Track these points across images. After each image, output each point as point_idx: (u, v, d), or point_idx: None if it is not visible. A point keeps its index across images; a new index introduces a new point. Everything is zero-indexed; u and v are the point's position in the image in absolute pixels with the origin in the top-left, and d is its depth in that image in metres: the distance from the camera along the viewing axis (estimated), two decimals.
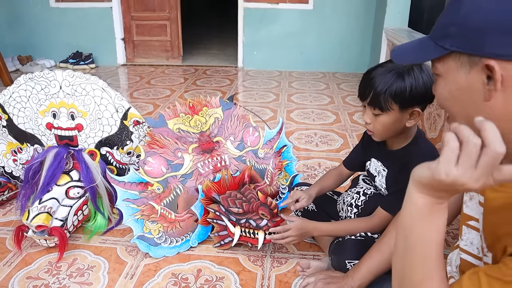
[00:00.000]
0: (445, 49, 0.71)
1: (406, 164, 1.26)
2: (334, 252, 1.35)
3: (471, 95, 0.70)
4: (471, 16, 0.67)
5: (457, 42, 0.69)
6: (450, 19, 0.71)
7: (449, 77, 0.73)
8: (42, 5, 4.53)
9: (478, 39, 0.66)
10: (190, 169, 1.62)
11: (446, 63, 0.73)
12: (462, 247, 0.91)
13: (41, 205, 1.52)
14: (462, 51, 0.69)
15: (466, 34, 0.68)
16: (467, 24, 0.67)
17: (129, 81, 4.15)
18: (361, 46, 4.43)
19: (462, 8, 0.68)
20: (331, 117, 3.10)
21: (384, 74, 1.20)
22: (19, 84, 1.67)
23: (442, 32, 0.73)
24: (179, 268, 1.48)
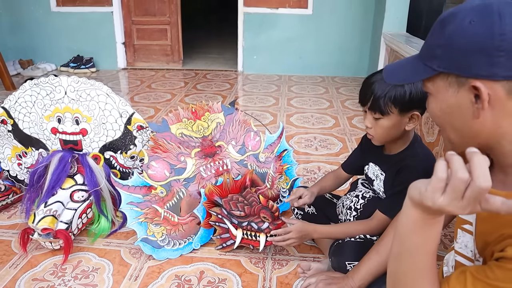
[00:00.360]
0: (433, 70, 0.75)
1: (402, 168, 1.31)
2: (334, 254, 1.39)
3: (461, 113, 0.74)
4: (455, 38, 0.70)
5: (444, 63, 0.73)
6: (436, 41, 0.74)
7: (439, 95, 0.77)
8: (44, 10, 4.57)
9: (464, 60, 0.70)
10: (193, 173, 1.65)
11: (435, 83, 0.76)
12: (457, 249, 0.95)
13: (47, 208, 1.55)
14: (449, 72, 0.73)
15: (452, 56, 0.71)
16: (452, 46, 0.71)
17: (130, 85, 4.18)
18: (360, 50, 4.48)
19: (447, 30, 0.71)
20: (330, 121, 3.14)
21: (383, 79, 1.24)
22: (24, 89, 1.70)
23: (429, 53, 0.76)
24: (182, 270, 1.51)
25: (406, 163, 1.30)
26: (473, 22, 0.68)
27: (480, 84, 0.68)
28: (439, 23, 0.75)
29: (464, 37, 0.69)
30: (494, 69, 0.67)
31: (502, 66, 0.67)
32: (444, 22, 0.73)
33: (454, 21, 0.71)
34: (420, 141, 1.37)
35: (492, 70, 0.67)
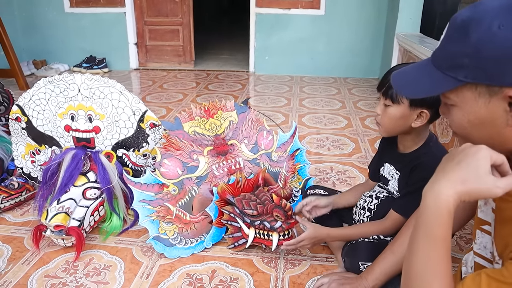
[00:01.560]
0: (458, 80, 0.69)
1: (416, 166, 1.29)
2: (348, 255, 1.36)
3: (493, 123, 0.70)
4: (485, 46, 0.65)
5: (472, 73, 0.67)
6: (460, 49, 0.68)
7: (466, 107, 0.71)
8: (57, 11, 4.62)
9: (496, 69, 0.65)
10: (205, 171, 1.64)
11: (461, 94, 0.71)
12: (476, 250, 0.92)
13: (59, 205, 1.55)
14: (478, 82, 0.67)
15: (482, 65, 0.66)
16: (482, 54, 0.65)
17: (142, 85, 4.20)
18: (372, 51, 4.44)
19: (472, 37, 0.66)
20: (342, 122, 3.11)
21: None
22: (38, 87, 1.71)
23: (452, 63, 0.70)
24: (194, 269, 1.50)
25: (420, 161, 1.28)
26: (502, 27, 0.63)
27: None
28: (460, 29, 0.68)
29: (495, 45, 0.64)
30: None
31: None
32: (466, 29, 0.67)
33: (480, 27, 0.65)
34: (436, 140, 1.35)
35: None
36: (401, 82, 0.80)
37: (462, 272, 1.00)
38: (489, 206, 0.89)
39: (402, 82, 0.80)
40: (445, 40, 0.72)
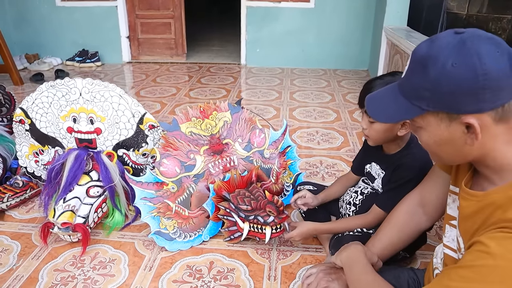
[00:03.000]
0: (423, 109, 0.81)
1: (399, 166, 1.41)
2: (334, 247, 1.48)
3: (454, 142, 0.82)
4: (442, 82, 0.76)
5: (433, 104, 0.79)
6: (421, 83, 0.79)
7: (431, 129, 0.83)
8: (48, 4, 4.64)
9: (453, 101, 0.76)
10: (202, 169, 1.75)
11: (425, 119, 0.83)
12: (445, 243, 1.05)
13: (66, 203, 1.65)
14: (439, 111, 0.79)
15: (440, 98, 0.77)
16: (440, 89, 0.76)
17: (135, 79, 4.26)
18: (361, 44, 4.54)
19: (431, 73, 0.77)
20: (332, 115, 3.23)
21: (382, 85, 1.30)
22: (41, 91, 1.79)
23: (416, 94, 0.81)
24: (193, 261, 1.62)
25: (403, 161, 1.40)
26: (455, 65, 0.74)
27: (473, 120, 0.76)
28: (420, 64, 0.79)
29: (450, 81, 0.75)
30: (481, 104, 0.75)
31: (488, 101, 0.74)
32: (425, 64, 0.78)
33: (436, 64, 0.76)
34: (416, 142, 1.46)
35: (479, 105, 0.75)
36: (374, 108, 0.93)
37: (433, 262, 1.13)
38: (456, 204, 1.01)
39: (375, 108, 0.92)
40: (409, 72, 0.83)
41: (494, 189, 0.83)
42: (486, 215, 0.82)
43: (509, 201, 0.78)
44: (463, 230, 0.92)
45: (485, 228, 0.81)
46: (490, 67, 0.73)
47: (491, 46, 0.74)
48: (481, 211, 0.85)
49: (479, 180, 0.91)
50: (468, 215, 0.89)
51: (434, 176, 1.19)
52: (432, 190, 1.19)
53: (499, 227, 0.76)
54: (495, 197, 0.81)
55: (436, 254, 1.14)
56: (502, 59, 0.73)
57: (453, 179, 1.04)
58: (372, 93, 0.97)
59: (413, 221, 1.26)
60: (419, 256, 1.64)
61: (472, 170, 0.94)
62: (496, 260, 0.73)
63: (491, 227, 0.78)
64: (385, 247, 1.27)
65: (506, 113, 0.76)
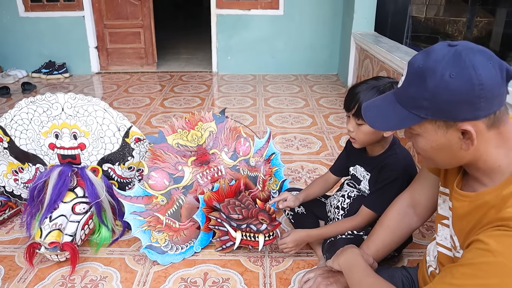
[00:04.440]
0: (421, 117, 0.86)
1: (383, 167, 1.48)
2: (328, 251, 1.52)
3: (450, 147, 0.87)
4: (440, 92, 0.81)
5: (431, 113, 0.84)
6: (420, 93, 0.84)
7: (428, 136, 0.89)
8: (11, 15, 4.48)
9: (450, 110, 0.82)
10: (191, 180, 1.75)
11: (423, 126, 0.88)
12: (438, 241, 1.11)
13: (52, 222, 1.61)
14: (437, 119, 0.85)
15: (439, 107, 0.83)
16: (438, 99, 0.82)
17: (106, 90, 4.18)
18: (330, 49, 4.65)
19: (429, 84, 0.82)
20: (307, 120, 3.29)
21: (368, 90, 1.39)
22: (20, 107, 1.74)
23: (414, 103, 0.86)
24: (187, 273, 1.61)
25: (387, 162, 1.47)
26: (453, 76, 0.79)
27: (469, 127, 0.82)
28: (418, 75, 0.84)
29: (448, 91, 0.80)
30: (477, 112, 0.81)
31: (483, 109, 0.81)
32: (423, 76, 0.83)
33: (435, 76, 0.81)
34: (399, 143, 1.53)
35: (475, 113, 0.81)
36: (372, 117, 0.97)
37: (427, 260, 1.19)
38: (446, 204, 1.07)
39: (374, 117, 0.96)
40: (407, 83, 0.88)
41: (486, 190, 0.89)
42: (480, 214, 0.88)
43: (502, 201, 0.84)
44: (458, 229, 0.98)
45: (481, 227, 0.86)
46: (485, 78, 0.79)
47: (483, 58, 0.80)
48: (475, 211, 0.90)
49: (469, 182, 0.97)
50: (462, 215, 0.95)
51: (423, 178, 1.25)
52: (421, 192, 1.25)
53: (496, 226, 0.82)
54: (488, 198, 0.87)
55: (429, 252, 1.19)
56: (495, 70, 0.80)
57: (442, 181, 1.10)
58: (368, 102, 1.01)
59: (405, 222, 1.31)
60: (405, 254, 1.71)
61: (462, 172, 1.00)
62: (496, 257, 0.78)
63: (487, 226, 0.84)
64: (379, 249, 1.32)
65: (497, 119, 0.83)
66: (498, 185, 0.87)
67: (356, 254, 1.21)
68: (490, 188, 0.88)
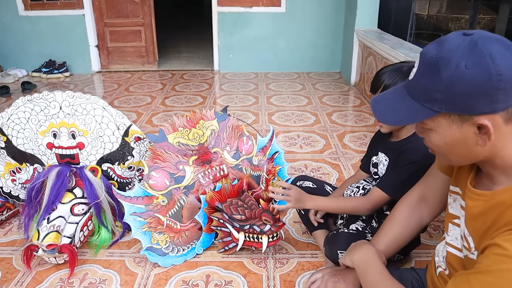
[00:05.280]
0: (434, 111, 0.80)
1: (404, 150, 1.42)
2: (328, 243, 1.47)
3: (465, 143, 0.82)
4: (455, 84, 0.75)
5: (445, 106, 0.78)
6: (433, 85, 0.78)
7: (442, 131, 0.83)
8: (11, 14, 4.44)
9: (466, 102, 0.76)
10: (192, 180, 1.70)
11: (436, 121, 0.82)
12: (448, 241, 1.05)
13: (50, 224, 1.57)
14: (452, 113, 0.79)
15: (453, 100, 0.77)
16: (453, 91, 0.76)
17: (107, 88, 4.14)
18: (333, 46, 4.60)
19: (443, 75, 0.76)
20: (311, 118, 3.24)
21: (392, 71, 1.38)
22: (17, 106, 1.70)
23: (427, 96, 0.80)
24: (189, 275, 1.57)
25: (406, 147, 1.42)
26: (469, 66, 0.74)
27: (486, 121, 0.76)
28: (431, 66, 0.78)
29: (464, 82, 0.74)
30: (495, 105, 0.75)
31: (501, 102, 0.75)
32: (437, 66, 0.77)
33: (449, 66, 0.75)
34: None
35: (493, 106, 0.75)
36: (381, 111, 0.90)
37: (435, 261, 1.13)
38: (457, 203, 1.02)
39: (383, 111, 0.90)
40: (419, 74, 0.82)
41: (502, 188, 0.84)
42: (496, 214, 0.83)
43: None
44: (473, 230, 0.93)
45: (498, 228, 0.81)
46: (504, 68, 0.73)
47: (501, 48, 0.75)
48: (490, 210, 0.85)
49: (483, 180, 0.92)
50: (477, 215, 0.90)
51: (432, 176, 1.21)
52: (432, 186, 1.20)
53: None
54: (504, 197, 0.82)
55: (438, 252, 1.14)
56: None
57: (453, 179, 1.05)
58: (377, 95, 0.95)
59: (415, 216, 1.26)
60: (413, 255, 1.66)
61: (476, 170, 0.95)
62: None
63: (504, 228, 0.79)
64: (389, 244, 1.26)
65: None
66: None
67: (372, 253, 1.15)
68: (506, 187, 0.83)
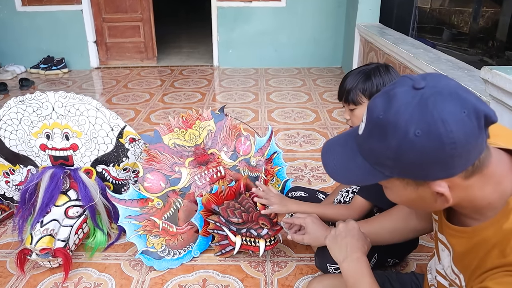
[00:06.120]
0: (386, 175, 0.73)
1: None
2: (318, 255, 1.44)
3: (424, 201, 0.75)
4: (405, 153, 0.67)
5: (397, 172, 0.71)
6: (382, 151, 0.70)
7: (397, 190, 0.76)
8: (8, 10, 4.40)
9: (418, 170, 0.69)
10: (188, 182, 1.67)
11: (390, 181, 0.75)
12: (439, 270, 0.99)
13: (43, 228, 1.54)
14: (404, 178, 0.72)
15: (404, 168, 0.70)
16: (402, 159, 0.68)
17: (105, 85, 4.10)
18: (334, 41, 4.54)
19: (392, 142, 0.68)
20: (311, 116, 3.20)
21: (354, 74, 1.37)
22: (9, 107, 1.66)
23: (377, 160, 0.73)
24: (185, 279, 1.54)
25: None
26: (418, 134, 0.65)
27: (441, 187, 0.70)
28: (378, 128, 0.71)
29: (414, 151, 0.66)
30: (451, 171, 0.68)
31: (458, 167, 0.68)
32: (385, 131, 0.69)
33: (397, 133, 0.67)
34: None
35: (448, 172, 0.68)
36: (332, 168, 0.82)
37: (429, 279, 1.07)
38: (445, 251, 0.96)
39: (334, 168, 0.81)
40: (367, 133, 0.74)
41: (482, 224, 0.77)
42: (483, 252, 0.76)
43: (505, 238, 0.72)
44: (462, 267, 0.86)
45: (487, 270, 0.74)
46: (458, 134, 0.64)
47: (455, 107, 0.65)
48: (475, 248, 0.79)
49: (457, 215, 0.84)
50: (463, 253, 0.83)
51: None
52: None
53: (505, 271, 0.71)
54: (487, 234, 0.75)
55: (430, 270, 1.08)
56: (470, 120, 0.65)
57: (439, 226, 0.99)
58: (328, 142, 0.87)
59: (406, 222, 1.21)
60: (413, 258, 1.63)
61: None
62: None
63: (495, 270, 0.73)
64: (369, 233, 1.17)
65: (476, 169, 0.71)
66: (496, 218, 0.75)
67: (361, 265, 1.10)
68: (486, 222, 0.76)
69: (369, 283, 1.00)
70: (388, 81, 1.31)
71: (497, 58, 4.47)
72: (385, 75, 1.33)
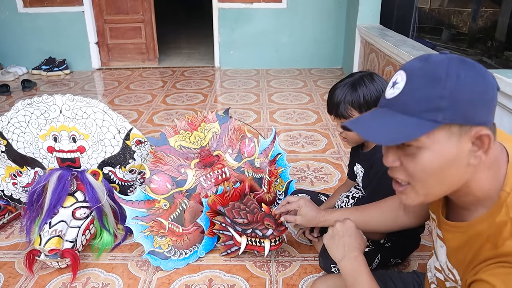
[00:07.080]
0: (437, 122, 0.72)
1: (373, 161, 1.42)
2: (322, 256, 1.48)
3: (457, 163, 0.75)
4: (460, 90, 0.71)
5: (450, 114, 0.71)
6: (436, 93, 0.72)
7: (438, 147, 0.74)
8: (10, 11, 4.41)
9: (470, 110, 0.71)
10: (194, 183, 1.69)
11: (432, 136, 0.73)
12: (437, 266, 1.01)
13: (52, 229, 1.56)
14: (454, 123, 0.72)
15: (459, 107, 0.71)
16: (458, 97, 0.71)
17: (107, 86, 4.12)
18: (335, 42, 4.57)
19: (446, 83, 0.71)
20: (312, 117, 3.22)
21: (340, 87, 1.36)
22: (17, 110, 1.68)
23: (429, 106, 0.72)
24: (191, 279, 1.57)
25: (376, 156, 1.40)
26: (468, 76, 0.72)
27: (486, 131, 0.72)
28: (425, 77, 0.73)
29: (469, 89, 0.71)
30: (490, 117, 0.73)
31: (492, 114, 0.74)
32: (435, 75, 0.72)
33: (449, 74, 0.71)
34: None
35: (488, 117, 0.73)
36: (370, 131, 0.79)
37: (429, 277, 1.09)
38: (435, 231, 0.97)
39: (371, 131, 0.79)
40: (409, 88, 0.75)
41: (477, 219, 0.80)
42: (476, 246, 0.79)
43: (497, 231, 0.75)
44: (456, 262, 0.88)
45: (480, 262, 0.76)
46: (495, 83, 0.74)
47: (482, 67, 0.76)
48: (469, 242, 0.81)
49: (454, 209, 0.88)
50: (457, 248, 0.86)
51: None
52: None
53: (497, 262, 0.73)
54: (481, 227, 0.78)
55: (430, 268, 1.10)
56: None
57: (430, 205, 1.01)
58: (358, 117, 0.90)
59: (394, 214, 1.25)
60: (415, 257, 1.66)
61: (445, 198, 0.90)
62: None
63: (487, 263, 0.75)
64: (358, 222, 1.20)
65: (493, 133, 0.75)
66: (489, 212, 0.78)
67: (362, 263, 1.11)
68: (481, 217, 0.79)
69: (367, 281, 1.02)
70: (374, 90, 1.32)
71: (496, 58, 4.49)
72: (370, 84, 1.32)
